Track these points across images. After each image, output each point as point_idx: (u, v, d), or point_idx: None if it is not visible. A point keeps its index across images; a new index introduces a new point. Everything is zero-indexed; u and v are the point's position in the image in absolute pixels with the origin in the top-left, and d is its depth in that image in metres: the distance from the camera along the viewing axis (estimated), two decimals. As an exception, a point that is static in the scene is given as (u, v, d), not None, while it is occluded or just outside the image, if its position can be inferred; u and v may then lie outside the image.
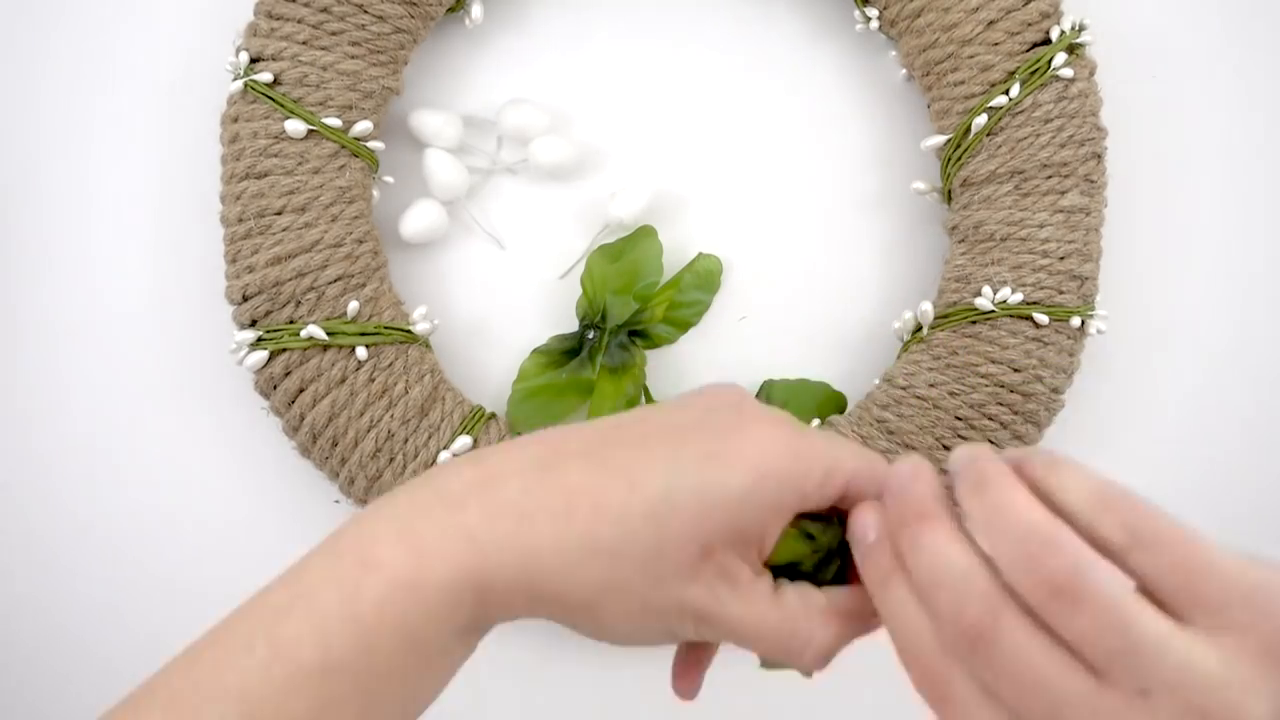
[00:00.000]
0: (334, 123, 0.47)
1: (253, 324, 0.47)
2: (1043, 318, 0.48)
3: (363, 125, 0.48)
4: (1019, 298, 0.48)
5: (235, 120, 0.48)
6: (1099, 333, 0.49)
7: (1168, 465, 0.55)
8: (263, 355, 0.47)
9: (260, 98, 0.47)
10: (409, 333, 0.49)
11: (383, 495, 0.31)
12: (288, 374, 0.47)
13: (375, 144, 0.50)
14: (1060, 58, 0.48)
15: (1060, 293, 0.48)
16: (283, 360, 0.47)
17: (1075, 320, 0.48)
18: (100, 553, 0.53)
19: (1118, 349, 0.53)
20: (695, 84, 0.54)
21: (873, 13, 0.51)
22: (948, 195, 0.52)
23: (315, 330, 0.47)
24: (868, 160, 0.54)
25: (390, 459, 0.48)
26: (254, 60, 0.48)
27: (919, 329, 0.51)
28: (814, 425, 0.51)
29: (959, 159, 0.50)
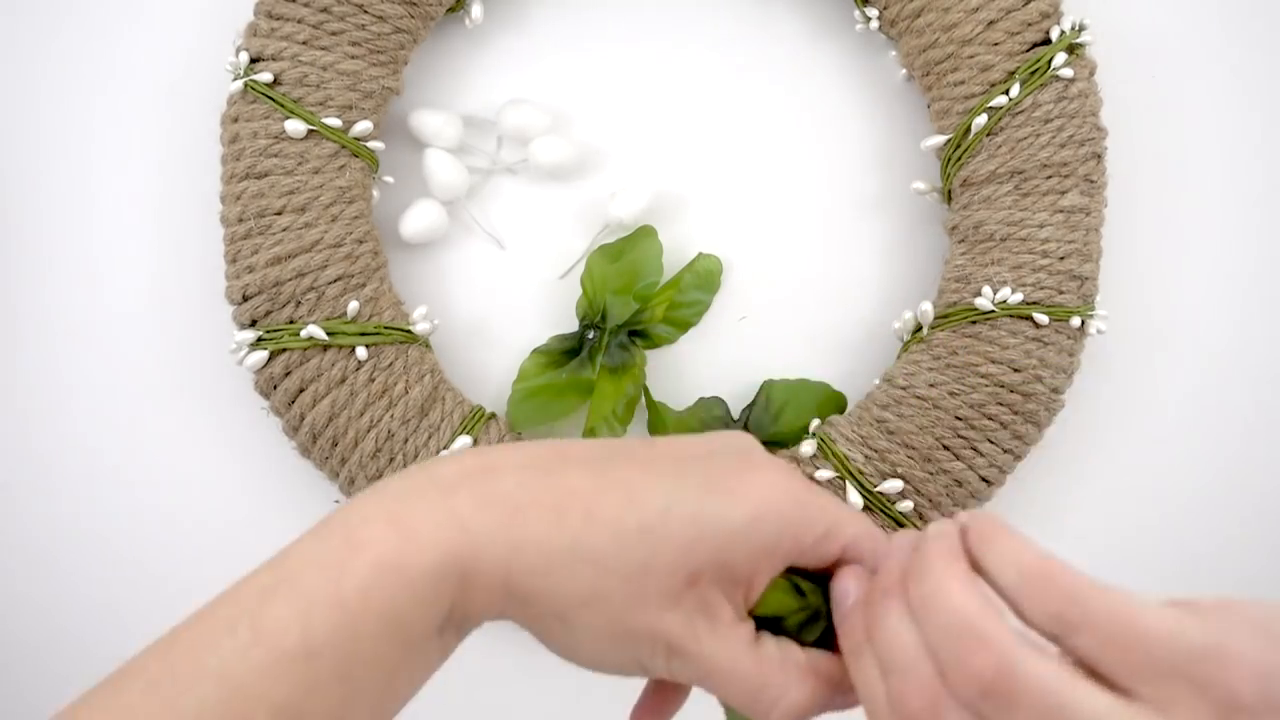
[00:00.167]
0: (334, 123, 0.47)
1: (253, 324, 0.48)
2: (1043, 318, 0.48)
3: (363, 125, 0.48)
4: (1019, 298, 0.48)
5: (235, 120, 0.48)
6: (1099, 333, 0.49)
7: (1168, 465, 0.55)
8: (263, 355, 0.47)
9: (260, 98, 0.47)
10: (409, 333, 0.49)
11: (379, 480, 0.31)
12: (288, 374, 0.47)
13: (375, 144, 0.50)
14: (1060, 58, 0.48)
15: (1060, 293, 0.48)
16: (283, 360, 0.47)
17: (1075, 320, 0.48)
18: (100, 552, 0.53)
19: (1118, 349, 0.53)
20: (695, 84, 0.54)
21: (873, 13, 0.51)
22: (948, 195, 0.52)
23: (315, 330, 0.47)
24: (868, 160, 0.54)
25: (390, 459, 0.48)
26: (254, 60, 0.48)
27: (919, 329, 0.51)
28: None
29: (959, 159, 0.50)
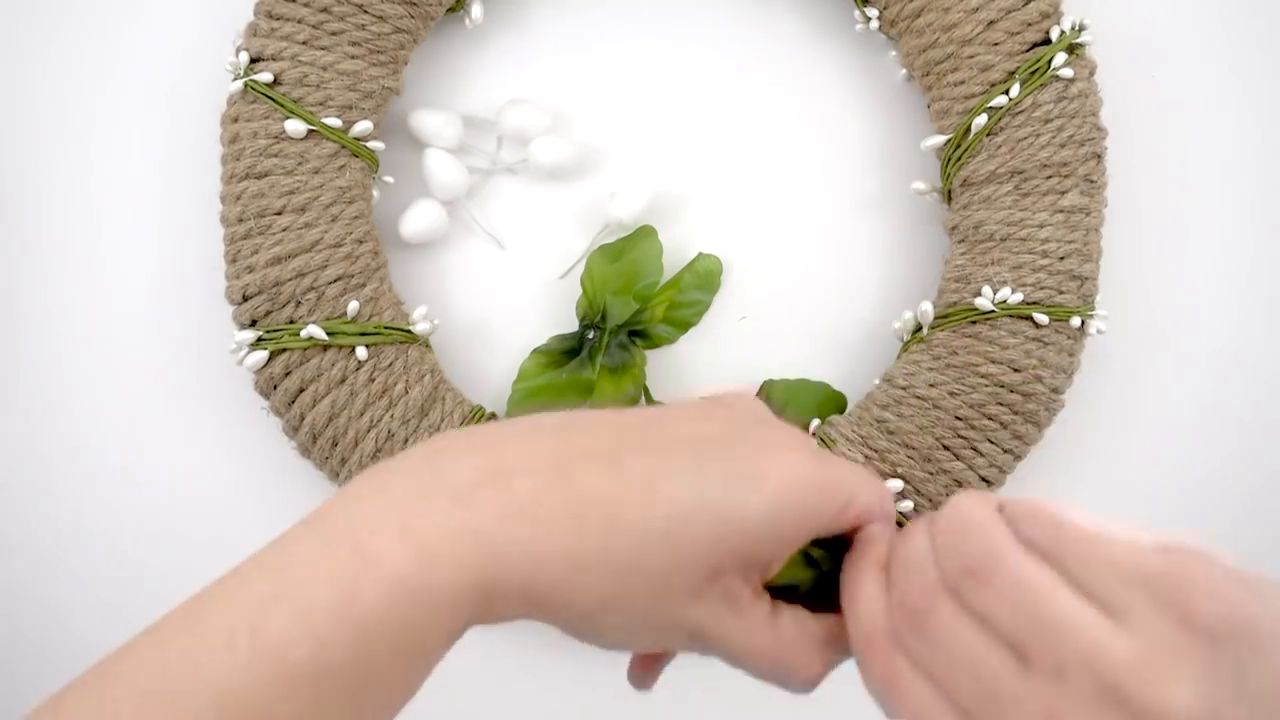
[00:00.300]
0: (334, 123, 0.47)
1: (253, 324, 0.48)
2: (1043, 318, 0.48)
3: (363, 125, 0.48)
4: (1019, 298, 0.48)
5: (235, 120, 0.48)
6: (1099, 333, 0.49)
7: (1168, 465, 0.55)
8: (263, 355, 0.47)
9: (260, 98, 0.47)
10: (409, 333, 0.49)
11: (373, 467, 0.28)
12: (288, 374, 0.47)
13: (375, 144, 0.50)
14: (1060, 58, 0.48)
15: (1060, 293, 0.48)
16: (283, 360, 0.47)
17: (1075, 320, 0.48)
18: (99, 552, 0.53)
19: (1118, 349, 0.53)
20: (695, 84, 0.54)
21: (873, 13, 0.51)
22: (948, 195, 0.52)
23: (315, 330, 0.47)
24: (868, 160, 0.54)
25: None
26: (254, 60, 0.48)
27: (919, 329, 0.51)
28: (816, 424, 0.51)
29: (959, 159, 0.50)
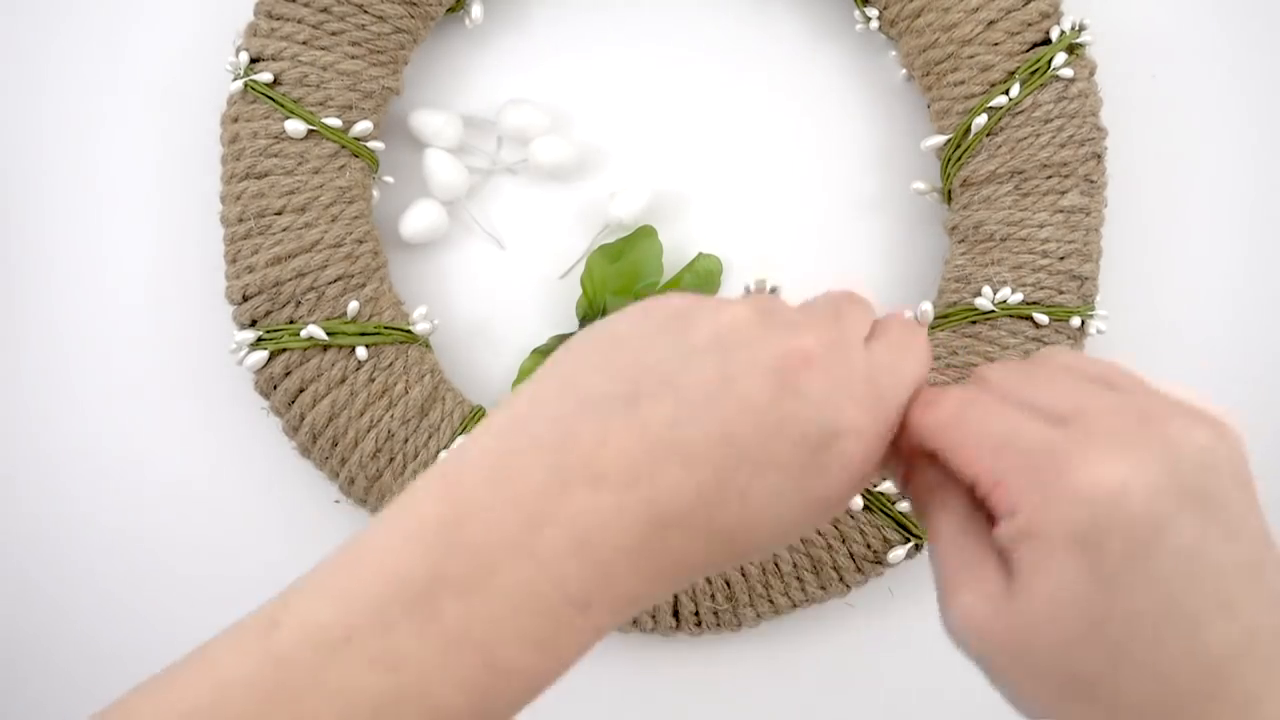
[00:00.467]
0: (334, 123, 0.47)
1: (253, 324, 0.47)
2: (1043, 318, 0.48)
3: (363, 125, 0.48)
4: (1019, 298, 0.48)
5: (235, 120, 0.48)
6: (1099, 333, 0.49)
7: (1168, 465, 0.54)
8: (263, 355, 0.47)
9: (260, 98, 0.47)
10: (409, 333, 0.49)
11: (449, 526, 0.25)
12: (288, 374, 0.47)
13: (375, 144, 0.50)
14: (1060, 58, 0.48)
15: (1060, 293, 0.48)
16: (283, 360, 0.47)
17: (1075, 320, 0.48)
18: (100, 551, 0.53)
19: (1118, 349, 0.53)
20: (695, 84, 0.54)
21: (873, 13, 0.51)
22: (948, 195, 0.52)
23: (315, 330, 0.47)
24: (868, 160, 0.54)
25: (390, 459, 0.48)
26: (254, 60, 0.48)
27: (919, 329, 0.51)
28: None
29: (959, 159, 0.50)
